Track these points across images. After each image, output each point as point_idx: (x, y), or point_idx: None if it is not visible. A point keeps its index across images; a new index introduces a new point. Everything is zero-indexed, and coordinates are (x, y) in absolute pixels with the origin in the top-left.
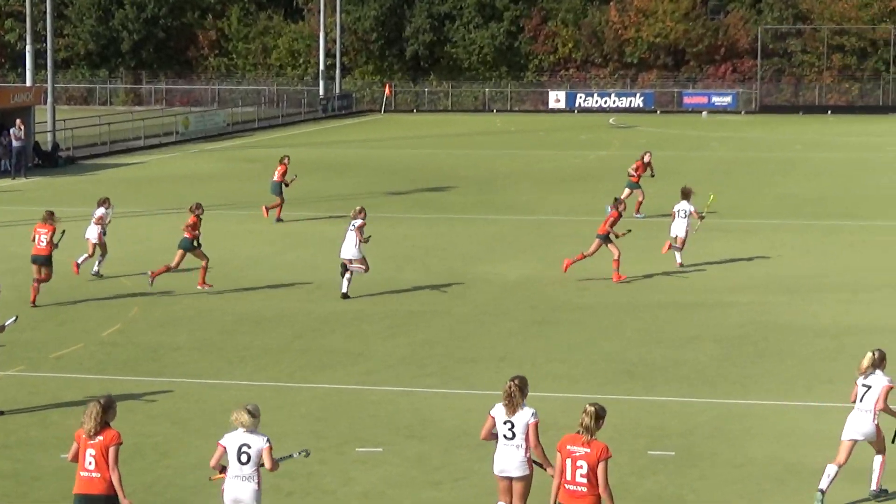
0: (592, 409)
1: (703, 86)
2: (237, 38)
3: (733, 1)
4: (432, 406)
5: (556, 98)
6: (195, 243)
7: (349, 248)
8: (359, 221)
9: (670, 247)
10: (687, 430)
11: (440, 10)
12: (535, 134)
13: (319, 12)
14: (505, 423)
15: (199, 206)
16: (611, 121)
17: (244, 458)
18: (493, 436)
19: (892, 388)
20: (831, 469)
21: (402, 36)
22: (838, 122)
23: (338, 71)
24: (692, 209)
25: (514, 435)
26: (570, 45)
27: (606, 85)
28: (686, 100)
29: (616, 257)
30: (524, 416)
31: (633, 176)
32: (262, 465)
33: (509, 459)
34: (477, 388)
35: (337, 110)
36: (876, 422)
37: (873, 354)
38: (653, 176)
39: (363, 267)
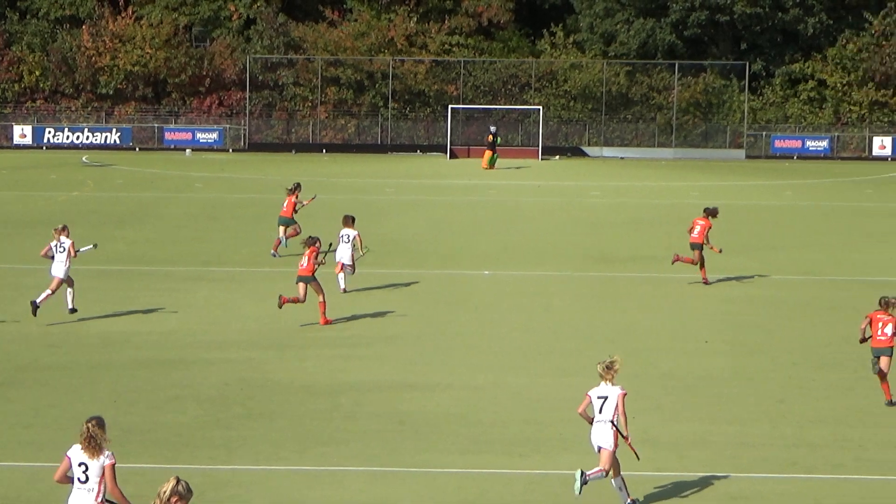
0: (173, 482)
1: (186, 121)
2: None
3: (219, 27)
4: None
5: (22, 133)
6: None
7: (60, 267)
8: (67, 241)
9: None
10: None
11: None
12: None
13: None
14: (80, 465)
15: None
16: (84, 158)
17: None
18: (67, 479)
19: (626, 394)
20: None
21: None
22: (334, 162)
23: None
24: (355, 233)
25: (87, 478)
26: (38, 73)
27: (79, 119)
28: (168, 136)
29: (321, 300)
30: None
31: (285, 211)
32: None
33: None
34: None
35: None
36: (613, 430)
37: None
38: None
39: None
